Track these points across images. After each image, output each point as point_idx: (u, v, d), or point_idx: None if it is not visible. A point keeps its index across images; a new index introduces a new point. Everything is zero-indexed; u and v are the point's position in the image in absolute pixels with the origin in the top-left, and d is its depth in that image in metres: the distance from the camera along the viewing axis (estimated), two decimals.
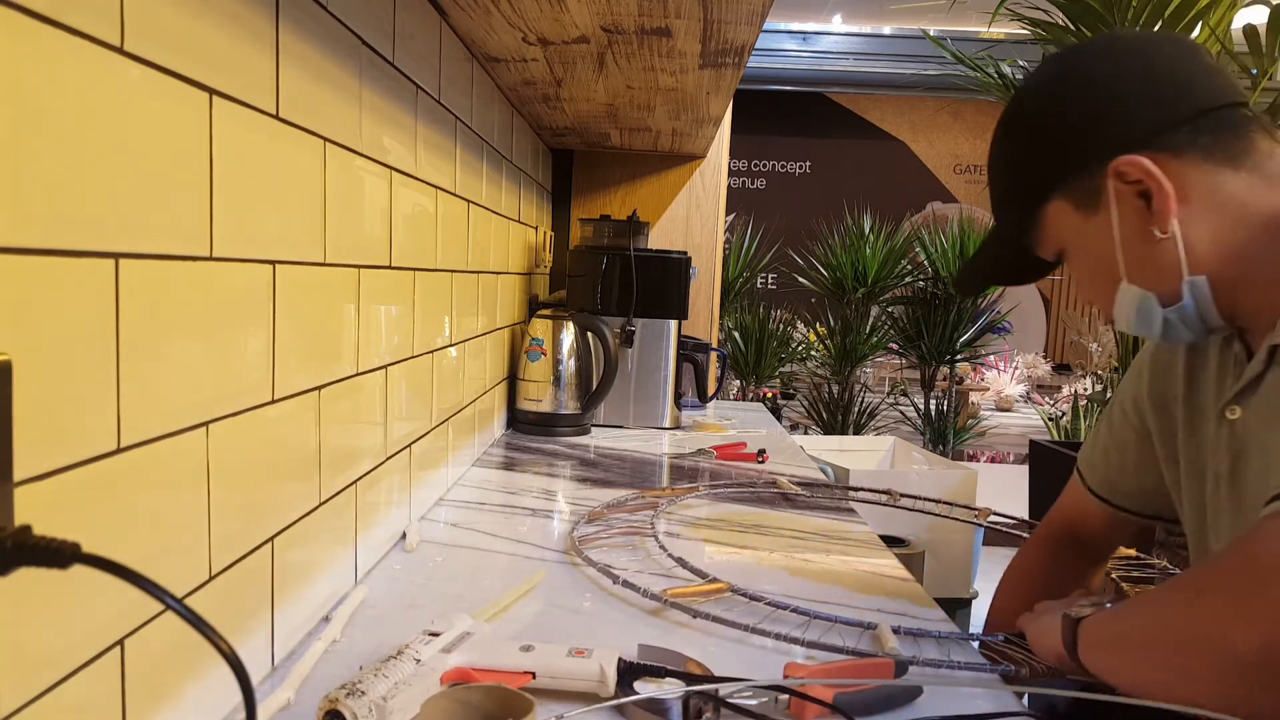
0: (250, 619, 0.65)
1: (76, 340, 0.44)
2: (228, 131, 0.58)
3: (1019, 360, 7.54)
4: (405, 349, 1.01)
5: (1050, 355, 9.20)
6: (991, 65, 3.18)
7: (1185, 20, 2.21)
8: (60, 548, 0.36)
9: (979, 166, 9.31)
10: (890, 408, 5.13)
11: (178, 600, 0.36)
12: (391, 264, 0.94)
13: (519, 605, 0.86)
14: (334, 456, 0.80)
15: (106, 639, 0.47)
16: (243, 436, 0.62)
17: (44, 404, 0.41)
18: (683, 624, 0.82)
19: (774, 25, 7.56)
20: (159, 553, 0.52)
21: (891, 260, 4.69)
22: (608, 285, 1.82)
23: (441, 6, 1.08)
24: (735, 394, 4.78)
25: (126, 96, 0.47)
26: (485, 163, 1.40)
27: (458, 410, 1.31)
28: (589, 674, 0.66)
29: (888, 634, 0.80)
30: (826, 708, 0.64)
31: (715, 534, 1.14)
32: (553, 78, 1.43)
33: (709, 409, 2.19)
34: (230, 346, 0.60)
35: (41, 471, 0.41)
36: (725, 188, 2.32)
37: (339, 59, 0.77)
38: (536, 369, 1.70)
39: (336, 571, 0.83)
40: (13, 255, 0.39)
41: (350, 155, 0.81)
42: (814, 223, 5.46)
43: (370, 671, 0.60)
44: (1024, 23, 2.59)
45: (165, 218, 0.51)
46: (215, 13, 0.56)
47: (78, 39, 0.43)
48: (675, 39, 1.18)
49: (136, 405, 0.49)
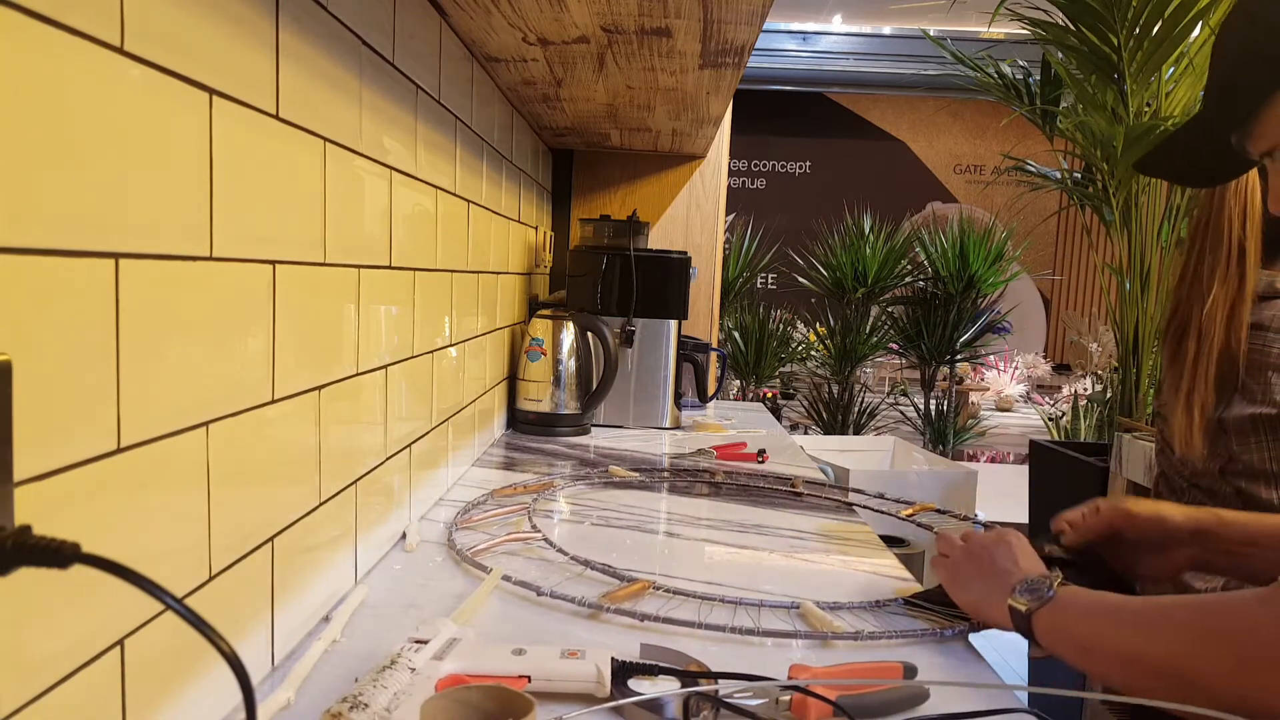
0: (250, 619, 0.65)
1: (76, 340, 0.44)
2: (228, 131, 0.58)
3: (1019, 360, 7.54)
4: (405, 349, 1.01)
5: (1050, 355, 9.20)
6: (991, 65, 3.18)
7: (1185, 20, 2.20)
8: (60, 548, 0.36)
9: (979, 166, 9.32)
10: (890, 408, 5.14)
11: (178, 600, 0.36)
12: (391, 264, 0.94)
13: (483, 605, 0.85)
14: (334, 456, 0.80)
15: (106, 639, 0.47)
16: (243, 436, 0.62)
17: (44, 404, 0.41)
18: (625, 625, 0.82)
19: (774, 25, 7.57)
20: (159, 553, 0.52)
21: (891, 260, 4.69)
22: (608, 285, 1.82)
23: (441, 6, 1.08)
24: (735, 394, 4.78)
25: (126, 96, 0.47)
26: (485, 163, 1.40)
27: (458, 410, 1.31)
28: (584, 675, 0.66)
29: (814, 610, 0.84)
30: (830, 705, 0.63)
31: (715, 534, 1.14)
32: (553, 78, 1.43)
33: (709, 409, 2.19)
34: (230, 346, 0.60)
35: (41, 471, 0.41)
36: (725, 188, 2.32)
37: (339, 59, 0.77)
38: (536, 369, 1.70)
39: (336, 571, 0.83)
40: (13, 255, 0.39)
41: (350, 155, 0.81)
42: (814, 223, 5.46)
43: (369, 682, 0.60)
44: (1024, 23, 2.59)
45: (165, 218, 0.51)
46: (215, 13, 0.56)
47: (78, 39, 0.43)
48: (675, 39, 1.18)
49: (136, 405, 0.49)
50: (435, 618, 0.72)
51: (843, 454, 3.36)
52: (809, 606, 0.85)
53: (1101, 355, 5.72)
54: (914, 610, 0.89)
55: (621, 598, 0.85)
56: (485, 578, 0.88)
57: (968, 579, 0.84)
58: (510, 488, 1.25)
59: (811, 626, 0.83)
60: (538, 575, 0.91)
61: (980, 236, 4.62)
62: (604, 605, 0.83)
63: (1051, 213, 7.46)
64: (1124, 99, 2.39)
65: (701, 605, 0.86)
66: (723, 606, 0.86)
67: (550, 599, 0.85)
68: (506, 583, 0.89)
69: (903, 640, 0.81)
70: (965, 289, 4.67)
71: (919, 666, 0.73)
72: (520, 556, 1.00)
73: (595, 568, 0.93)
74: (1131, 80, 2.34)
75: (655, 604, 0.86)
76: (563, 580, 0.91)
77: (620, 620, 0.82)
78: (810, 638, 0.81)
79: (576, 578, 0.93)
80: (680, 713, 0.63)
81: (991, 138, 9.19)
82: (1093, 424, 3.97)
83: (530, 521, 1.07)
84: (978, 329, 4.84)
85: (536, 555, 1.01)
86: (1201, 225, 1.20)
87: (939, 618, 0.86)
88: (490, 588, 0.86)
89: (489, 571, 0.89)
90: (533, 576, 0.90)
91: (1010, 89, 3.15)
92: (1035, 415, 6.11)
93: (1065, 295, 9.64)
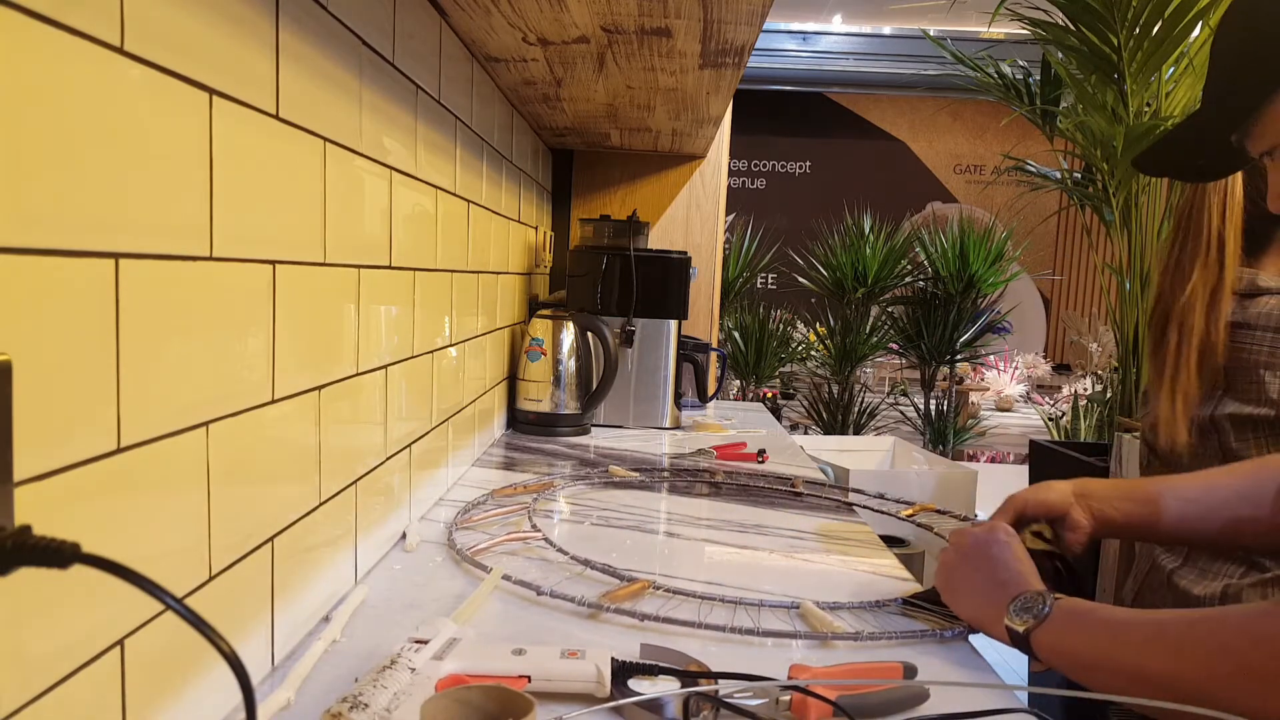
0: (250, 619, 0.65)
1: (76, 340, 0.44)
2: (228, 131, 0.58)
3: (1019, 360, 7.54)
4: (405, 349, 1.01)
5: (1050, 355, 9.21)
6: (991, 65, 3.18)
7: (1185, 20, 2.20)
8: (60, 548, 0.36)
9: (979, 166, 9.32)
10: (890, 408, 5.14)
11: (178, 600, 0.36)
12: (391, 264, 0.94)
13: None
14: (334, 456, 0.80)
15: (106, 639, 0.47)
16: (243, 436, 0.62)
17: (44, 404, 0.41)
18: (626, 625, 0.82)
19: (774, 25, 7.57)
20: (159, 553, 0.52)
21: (891, 260, 4.69)
22: (608, 285, 1.82)
23: (441, 6, 1.08)
24: (735, 394, 4.78)
25: (127, 96, 0.47)
26: (485, 163, 1.40)
27: (458, 410, 1.31)
28: (585, 675, 0.66)
29: (813, 610, 0.84)
30: (830, 705, 0.63)
31: (715, 534, 1.14)
32: (553, 78, 1.43)
33: (709, 409, 2.19)
34: (230, 346, 0.60)
35: (41, 471, 0.41)
36: (725, 188, 2.32)
37: (339, 59, 0.77)
38: (536, 369, 1.70)
39: (336, 571, 0.83)
40: (13, 255, 0.39)
41: (350, 155, 0.81)
42: (814, 223, 5.46)
43: (368, 683, 0.60)
44: (1024, 23, 2.59)
45: (165, 218, 0.51)
46: (215, 13, 0.56)
47: (78, 39, 0.43)
48: (675, 39, 1.19)
49: (136, 405, 0.49)
50: (435, 618, 0.72)
51: (842, 454, 3.36)
52: (809, 606, 0.85)
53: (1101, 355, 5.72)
54: (913, 610, 0.89)
55: (621, 597, 0.85)
56: (485, 578, 0.88)
57: (963, 591, 0.84)
58: (510, 488, 1.25)
59: (811, 627, 0.83)
60: (538, 575, 0.91)
61: (980, 236, 4.63)
62: (604, 605, 0.83)
63: (1051, 213, 7.46)
64: (1124, 99, 2.39)
65: (701, 605, 0.86)
66: (723, 606, 0.86)
67: (550, 599, 0.85)
68: (506, 582, 0.89)
69: (902, 641, 0.81)
70: (965, 289, 4.67)
71: (919, 666, 0.73)
72: (520, 556, 1.00)
73: (595, 567, 0.93)
74: (1131, 80, 2.34)
75: (655, 604, 0.86)
76: (563, 580, 0.91)
77: (620, 620, 0.82)
78: (810, 638, 0.81)
79: (576, 577, 0.93)
80: (680, 713, 0.63)
81: (991, 138, 9.20)
82: (1093, 424, 3.97)
83: (530, 521, 1.07)
84: (978, 329, 4.84)
85: (537, 555, 1.01)
86: (1183, 216, 1.22)
87: (938, 618, 0.86)
88: (490, 588, 0.86)
89: (489, 571, 0.89)
90: (533, 576, 0.89)
91: (1010, 89, 3.15)
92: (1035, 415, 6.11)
93: (1065, 295, 9.64)
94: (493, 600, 0.86)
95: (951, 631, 0.83)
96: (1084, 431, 3.98)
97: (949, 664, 0.77)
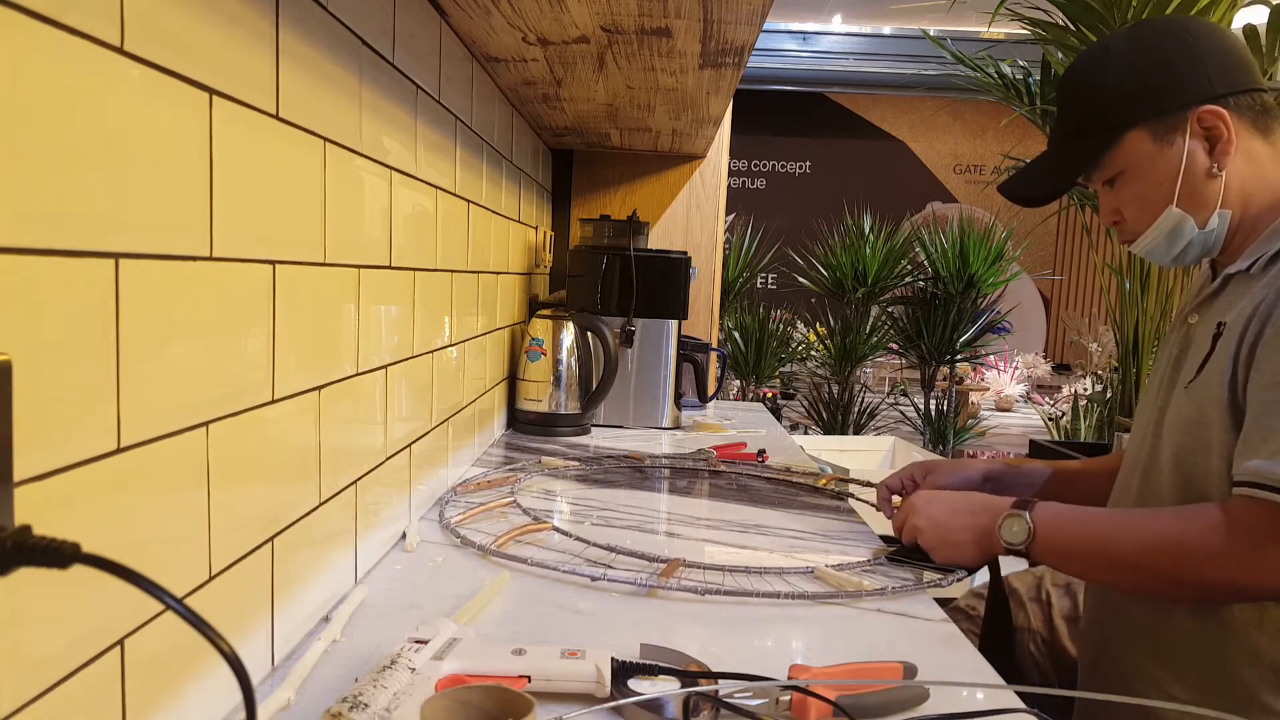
0: (250, 619, 0.65)
1: (76, 340, 0.44)
2: (228, 131, 0.58)
3: (1019, 360, 7.54)
4: (405, 349, 1.01)
5: (1050, 355, 9.21)
6: (991, 65, 3.18)
7: None
8: (60, 548, 0.36)
9: (979, 166, 9.32)
10: (890, 408, 5.14)
11: (178, 600, 0.36)
12: (391, 264, 0.94)
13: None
14: (334, 456, 0.80)
15: (106, 639, 0.47)
16: (243, 436, 0.62)
17: (44, 404, 0.41)
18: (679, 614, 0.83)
19: (774, 25, 7.57)
20: (159, 553, 0.52)
21: (891, 260, 4.69)
22: (608, 285, 1.82)
23: (441, 6, 1.08)
24: (735, 394, 4.78)
25: (126, 96, 0.47)
26: (485, 163, 1.40)
27: (458, 410, 1.31)
28: (584, 675, 0.66)
29: (831, 573, 0.94)
30: (830, 705, 0.63)
31: (715, 534, 1.14)
32: (553, 78, 1.43)
33: (709, 409, 2.19)
34: (230, 346, 0.60)
35: (41, 471, 0.41)
36: (725, 188, 2.32)
37: (339, 59, 0.77)
38: (536, 369, 1.70)
39: (336, 571, 0.83)
40: (13, 255, 0.39)
41: (350, 155, 0.81)
42: (814, 223, 5.46)
43: (368, 683, 0.60)
44: (1024, 23, 2.59)
45: (165, 218, 0.51)
46: (215, 13, 0.56)
47: (78, 39, 0.43)
48: (675, 39, 1.19)
49: (136, 405, 0.49)
50: (435, 618, 0.72)
51: (843, 454, 3.35)
52: (824, 570, 0.95)
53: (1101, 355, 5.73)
54: (904, 564, 0.99)
55: (668, 575, 0.92)
56: (490, 580, 0.88)
57: (955, 544, 0.98)
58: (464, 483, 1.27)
59: (839, 587, 0.91)
60: (563, 563, 0.96)
61: (980, 236, 4.62)
62: (661, 583, 0.89)
63: (1051, 213, 7.45)
64: None
65: (727, 578, 0.94)
66: (747, 577, 0.94)
67: (605, 582, 0.91)
68: (531, 575, 0.92)
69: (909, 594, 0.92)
70: (965, 289, 4.67)
71: (919, 666, 0.73)
72: (536, 546, 1.00)
73: (624, 553, 0.99)
74: None
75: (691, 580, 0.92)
76: (588, 565, 0.96)
77: (621, 620, 0.82)
78: (835, 599, 0.89)
79: (599, 564, 0.97)
80: (680, 713, 0.63)
81: (991, 138, 9.20)
82: (1093, 424, 3.97)
83: (532, 516, 1.09)
84: (978, 329, 4.84)
85: (556, 546, 1.02)
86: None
87: (931, 569, 0.97)
88: (494, 593, 0.86)
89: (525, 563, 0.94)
90: (560, 565, 0.94)
91: (1010, 89, 3.15)
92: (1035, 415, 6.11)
93: (1065, 295, 9.64)
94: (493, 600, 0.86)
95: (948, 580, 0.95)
96: (1084, 431, 3.98)
97: (949, 664, 0.77)
